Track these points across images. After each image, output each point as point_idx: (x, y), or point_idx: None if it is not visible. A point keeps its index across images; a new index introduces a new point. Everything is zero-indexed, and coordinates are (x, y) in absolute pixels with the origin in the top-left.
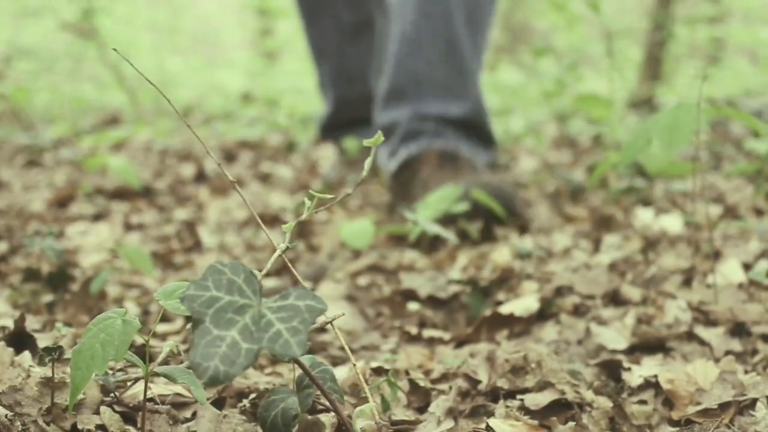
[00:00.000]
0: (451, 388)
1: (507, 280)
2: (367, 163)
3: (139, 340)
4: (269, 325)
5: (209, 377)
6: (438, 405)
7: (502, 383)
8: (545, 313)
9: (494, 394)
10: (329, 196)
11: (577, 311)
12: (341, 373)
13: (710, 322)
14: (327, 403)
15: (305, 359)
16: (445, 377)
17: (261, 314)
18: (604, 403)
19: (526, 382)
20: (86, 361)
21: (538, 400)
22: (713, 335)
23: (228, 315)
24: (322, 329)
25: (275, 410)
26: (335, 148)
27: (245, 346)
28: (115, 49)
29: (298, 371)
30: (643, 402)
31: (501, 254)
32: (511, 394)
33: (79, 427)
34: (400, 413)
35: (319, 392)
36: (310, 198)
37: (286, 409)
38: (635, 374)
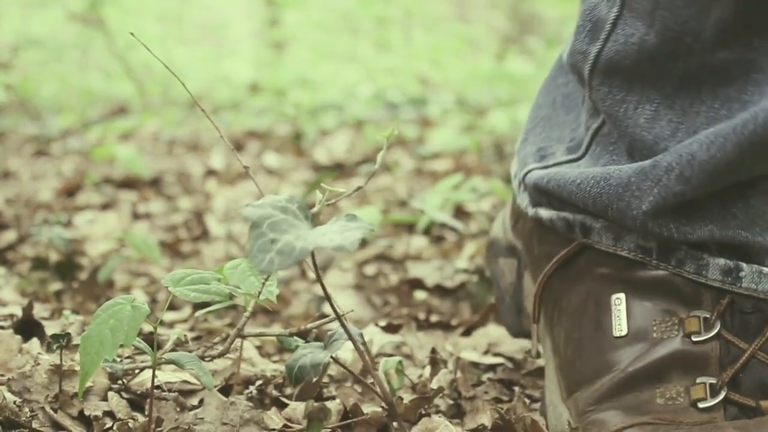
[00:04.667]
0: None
1: None
2: (380, 156)
3: (147, 327)
4: (324, 233)
5: (266, 265)
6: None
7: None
8: None
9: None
10: (341, 190)
11: None
12: (348, 356)
13: None
14: (333, 391)
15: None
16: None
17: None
18: None
19: None
20: (96, 346)
21: None
22: None
23: (283, 227)
24: (329, 320)
25: (303, 360)
26: None
27: (299, 245)
28: (132, 33)
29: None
30: None
31: None
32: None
33: (87, 413)
34: (408, 398)
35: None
36: (322, 191)
37: (314, 357)
38: None
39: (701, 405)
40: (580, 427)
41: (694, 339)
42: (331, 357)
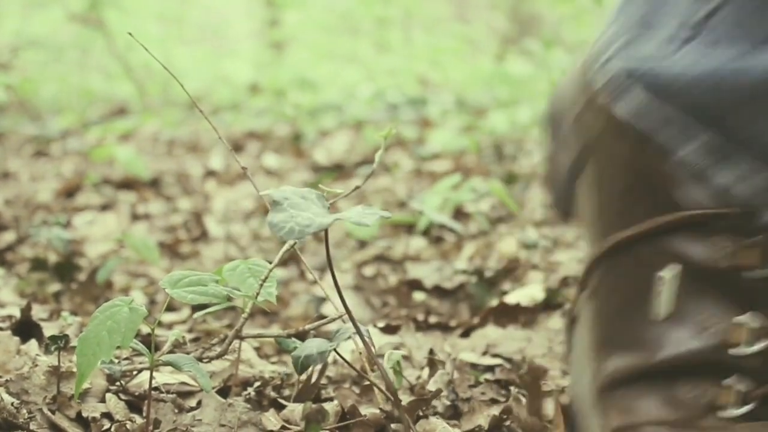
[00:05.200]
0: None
1: (513, 270)
2: (378, 155)
3: (145, 329)
4: (339, 210)
5: (286, 232)
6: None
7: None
8: (551, 303)
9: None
10: (339, 190)
11: None
12: (347, 357)
13: None
14: (332, 392)
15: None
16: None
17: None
18: None
19: None
20: (92, 347)
21: None
22: None
23: (302, 207)
24: (328, 320)
25: (308, 350)
26: None
27: (319, 219)
28: (130, 33)
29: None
30: None
31: (507, 244)
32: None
33: (85, 415)
34: (406, 399)
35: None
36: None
37: (320, 346)
38: None
39: (725, 413)
40: (600, 405)
41: (737, 347)
42: (335, 351)
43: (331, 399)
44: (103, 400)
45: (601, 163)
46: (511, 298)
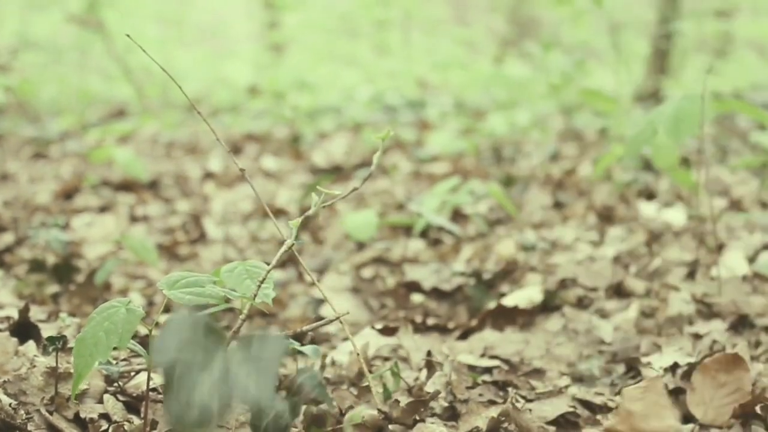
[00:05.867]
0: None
1: (511, 272)
2: (376, 156)
3: (143, 330)
4: (236, 379)
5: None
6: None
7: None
8: (549, 305)
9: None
10: (337, 192)
11: (581, 303)
12: (345, 359)
13: (714, 314)
14: (330, 394)
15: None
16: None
17: (227, 369)
18: None
19: None
20: (90, 348)
21: None
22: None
23: (194, 373)
24: (326, 322)
25: (267, 419)
26: None
27: (215, 404)
28: (128, 35)
29: (288, 371)
30: None
31: (505, 246)
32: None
33: (82, 415)
34: (404, 401)
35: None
36: (318, 193)
37: (278, 417)
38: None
39: None
40: None
41: None
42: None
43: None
44: (100, 401)
45: None
46: (509, 300)
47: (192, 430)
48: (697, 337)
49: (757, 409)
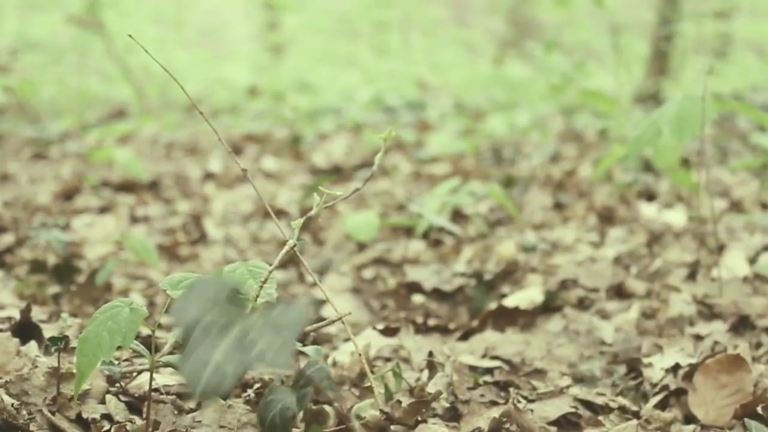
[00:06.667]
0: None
1: (512, 273)
2: (378, 157)
3: (145, 330)
4: (254, 343)
5: (199, 395)
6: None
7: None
8: (550, 306)
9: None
10: (338, 192)
11: (582, 304)
12: (346, 359)
13: (715, 315)
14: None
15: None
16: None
17: (246, 331)
18: None
19: None
20: (93, 348)
21: None
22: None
23: (214, 333)
24: (327, 323)
25: (274, 410)
26: None
27: (230, 369)
28: (130, 35)
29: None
30: None
31: (506, 247)
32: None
33: (85, 416)
34: (405, 401)
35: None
36: (319, 194)
37: (284, 409)
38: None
39: None
40: None
41: None
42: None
43: (331, 401)
44: (103, 402)
45: None
46: (510, 301)
47: (204, 390)
48: (698, 338)
49: (759, 409)
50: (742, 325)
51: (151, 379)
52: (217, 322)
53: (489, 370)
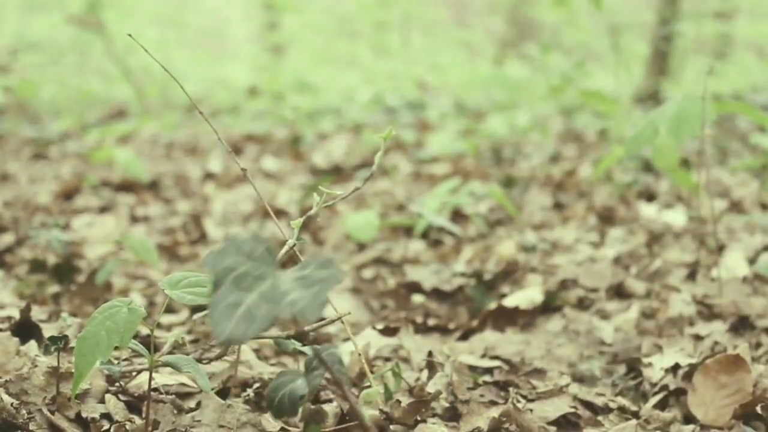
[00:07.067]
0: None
1: (511, 272)
2: (378, 156)
3: (144, 330)
4: (286, 294)
5: (225, 339)
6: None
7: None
8: (549, 306)
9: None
10: (338, 192)
11: (582, 304)
12: (346, 359)
13: (714, 315)
14: (330, 394)
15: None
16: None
17: (278, 284)
18: None
19: None
20: (91, 347)
21: None
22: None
23: (246, 281)
24: (327, 322)
25: (283, 391)
26: None
27: (262, 311)
28: (130, 35)
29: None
30: None
31: (506, 247)
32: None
33: (84, 415)
34: (405, 401)
35: (326, 375)
36: (319, 194)
37: (294, 390)
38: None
39: None
40: None
41: None
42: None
43: (330, 400)
44: (102, 401)
45: None
46: (509, 301)
47: (231, 334)
48: (697, 338)
49: (758, 409)
50: (741, 325)
51: (151, 378)
52: (251, 273)
53: (489, 370)
